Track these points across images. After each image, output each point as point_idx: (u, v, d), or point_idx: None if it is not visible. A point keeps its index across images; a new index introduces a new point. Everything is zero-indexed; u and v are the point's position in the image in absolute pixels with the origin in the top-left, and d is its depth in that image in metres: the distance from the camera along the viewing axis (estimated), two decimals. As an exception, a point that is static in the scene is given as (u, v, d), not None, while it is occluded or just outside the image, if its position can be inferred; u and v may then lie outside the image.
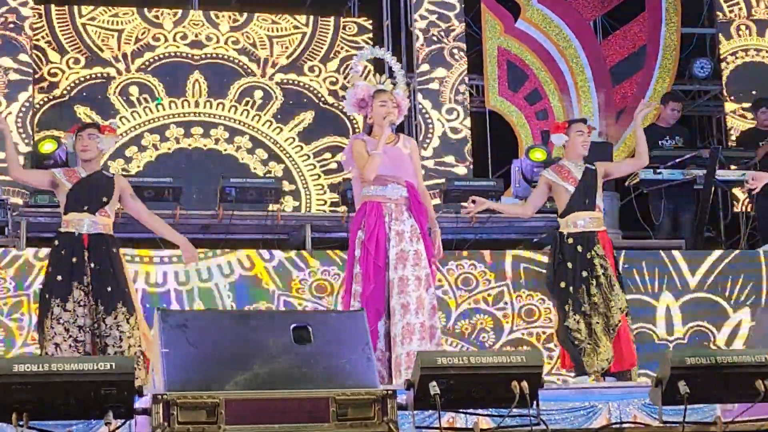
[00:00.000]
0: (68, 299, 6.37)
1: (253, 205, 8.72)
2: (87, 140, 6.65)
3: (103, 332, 6.37)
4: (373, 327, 6.17)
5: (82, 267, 6.45)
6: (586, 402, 5.60)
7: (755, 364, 4.62)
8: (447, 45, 11.10)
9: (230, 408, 4.04)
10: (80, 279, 6.43)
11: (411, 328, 6.17)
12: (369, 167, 6.38)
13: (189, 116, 11.03)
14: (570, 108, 11.54)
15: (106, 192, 6.64)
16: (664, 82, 11.58)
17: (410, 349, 6.11)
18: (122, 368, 4.01)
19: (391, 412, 4.20)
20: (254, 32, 11.36)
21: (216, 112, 11.10)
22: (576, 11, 11.82)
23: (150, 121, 10.94)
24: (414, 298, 6.21)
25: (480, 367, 4.36)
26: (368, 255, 6.28)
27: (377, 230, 6.31)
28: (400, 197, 6.43)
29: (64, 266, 6.47)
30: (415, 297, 6.22)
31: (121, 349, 6.33)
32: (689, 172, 9.34)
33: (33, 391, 3.90)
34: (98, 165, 6.73)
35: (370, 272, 6.26)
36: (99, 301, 6.41)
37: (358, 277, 6.33)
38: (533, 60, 11.60)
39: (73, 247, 6.49)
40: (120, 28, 11.07)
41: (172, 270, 7.93)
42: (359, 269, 6.33)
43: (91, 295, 6.42)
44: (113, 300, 6.43)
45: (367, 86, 6.59)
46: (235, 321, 4.46)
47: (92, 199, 6.58)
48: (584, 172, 7.12)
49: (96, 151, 6.67)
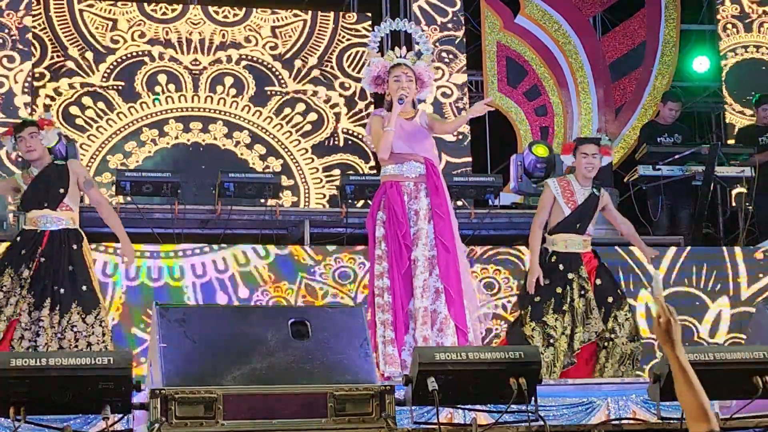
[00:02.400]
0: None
1: (251, 200, 8.71)
2: (30, 140, 6.53)
3: (58, 333, 6.33)
4: (407, 307, 6.10)
5: (28, 261, 6.39)
6: (584, 398, 5.59)
7: (753, 360, 4.63)
8: (445, 40, 11.08)
9: (228, 403, 4.04)
10: (18, 269, 6.38)
11: (415, 314, 6.08)
12: (381, 145, 6.20)
13: (188, 111, 11.02)
14: (569, 104, 11.53)
15: (61, 183, 6.52)
16: (663, 78, 11.56)
17: (423, 335, 6.03)
18: (120, 363, 4.01)
19: (389, 408, 4.20)
20: (255, 24, 11.37)
21: (215, 107, 11.10)
22: (575, 7, 11.81)
23: (149, 116, 10.93)
24: (421, 281, 6.11)
25: (478, 363, 4.36)
26: (395, 234, 6.13)
27: (398, 210, 6.16)
28: (419, 175, 6.25)
29: (11, 256, 6.45)
30: (422, 280, 6.11)
31: (77, 347, 6.27)
32: (688, 169, 9.33)
33: (30, 386, 3.90)
34: (49, 158, 6.60)
35: (402, 250, 6.13)
36: (48, 299, 6.34)
37: (382, 258, 6.17)
38: (532, 56, 11.59)
39: (32, 242, 6.43)
40: (114, 18, 11.08)
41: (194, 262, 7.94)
42: (384, 248, 6.17)
43: (26, 289, 6.36)
44: (68, 301, 6.37)
45: (382, 62, 6.34)
46: (233, 316, 4.46)
47: (49, 195, 6.49)
48: (587, 198, 6.98)
49: (41, 148, 6.55)
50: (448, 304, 6.16)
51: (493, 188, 8.95)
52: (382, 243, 6.20)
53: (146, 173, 8.75)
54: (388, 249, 6.18)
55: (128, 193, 8.36)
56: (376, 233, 6.22)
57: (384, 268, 6.18)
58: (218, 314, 4.50)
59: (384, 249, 6.19)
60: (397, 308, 6.09)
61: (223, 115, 11.09)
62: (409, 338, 6.11)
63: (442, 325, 6.15)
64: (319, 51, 11.45)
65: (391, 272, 6.15)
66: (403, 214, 6.18)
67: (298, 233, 8.71)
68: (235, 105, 11.13)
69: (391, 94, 6.29)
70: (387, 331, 6.07)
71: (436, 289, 6.18)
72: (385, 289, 6.15)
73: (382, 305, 6.12)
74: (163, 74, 11.08)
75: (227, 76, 11.20)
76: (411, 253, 6.15)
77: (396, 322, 6.08)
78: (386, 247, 6.19)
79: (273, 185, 8.65)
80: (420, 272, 6.12)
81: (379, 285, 6.17)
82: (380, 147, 6.23)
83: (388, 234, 6.19)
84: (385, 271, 6.17)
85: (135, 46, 11.09)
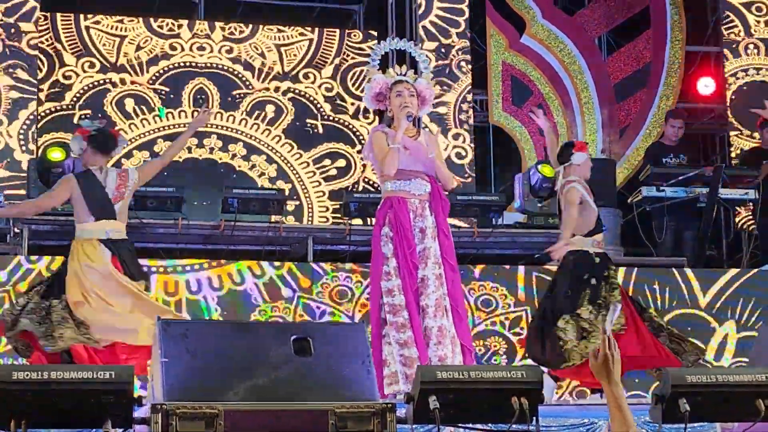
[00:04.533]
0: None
1: (255, 216, 8.70)
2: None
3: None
4: (418, 324, 6.03)
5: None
6: (585, 419, 5.59)
7: (756, 383, 4.61)
8: (452, 60, 11.10)
9: (229, 419, 4.02)
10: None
11: (428, 332, 6.03)
12: (388, 162, 6.18)
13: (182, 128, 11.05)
14: (573, 124, 11.54)
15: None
16: (668, 99, 11.57)
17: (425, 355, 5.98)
18: (122, 377, 4.00)
19: (391, 426, 4.18)
20: (261, 43, 11.39)
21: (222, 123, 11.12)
22: (581, 28, 11.84)
23: (164, 128, 10.96)
24: (433, 300, 6.07)
25: (480, 382, 4.35)
26: (404, 251, 6.09)
27: (407, 226, 6.12)
28: (425, 193, 6.25)
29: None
30: (434, 299, 6.08)
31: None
32: (692, 190, 9.33)
33: (32, 399, 3.89)
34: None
35: (410, 269, 6.08)
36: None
37: (391, 275, 6.11)
38: (537, 76, 11.61)
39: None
40: (123, 35, 11.10)
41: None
42: (395, 264, 6.12)
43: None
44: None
45: (383, 78, 6.37)
46: (235, 331, 4.45)
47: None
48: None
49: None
50: (455, 323, 6.14)
51: (497, 207, 8.95)
52: (392, 260, 6.14)
53: (150, 188, 8.73)
54: (398, 265, 6.13)
55: (131, 207, 8.33)
56: (383, 250, 6.17)
57: (394, 285, 6.10)
58: (220, 329, 4.49)
59: (394, 266, 6.14)
60: (416, 326, 6.02)
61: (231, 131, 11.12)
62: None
63: (452, 344, 6.10)
64: (323, 69, 11.48)
65: (404, 290, 6.09)
66: (411, 232, 6.16)
67: (301, 250, 8.71)
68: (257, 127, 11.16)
69: (393, 109, 6.30)
70: (409, 349, 5.98)
71: (444, 308, 6.13)
72: (400, 307, 6.09)
73: (398, 324, 6.04)
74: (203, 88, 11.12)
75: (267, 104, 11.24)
76: (418, 271, 6.12)
77: (418, 339, 6.02)
78: (396, 263, 6.13)
79: (277, 201, 8.65)
80: (432, 291, 6.08)
81: (391, 302, 6.09)
82: (386, 163, 6.19)
83: (398, 250, 6.13)
84: (395, 288, 6.10)
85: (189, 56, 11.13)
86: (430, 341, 6.02)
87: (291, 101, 11.28)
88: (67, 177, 6.88)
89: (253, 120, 11.18)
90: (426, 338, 6.04)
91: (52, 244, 7.98)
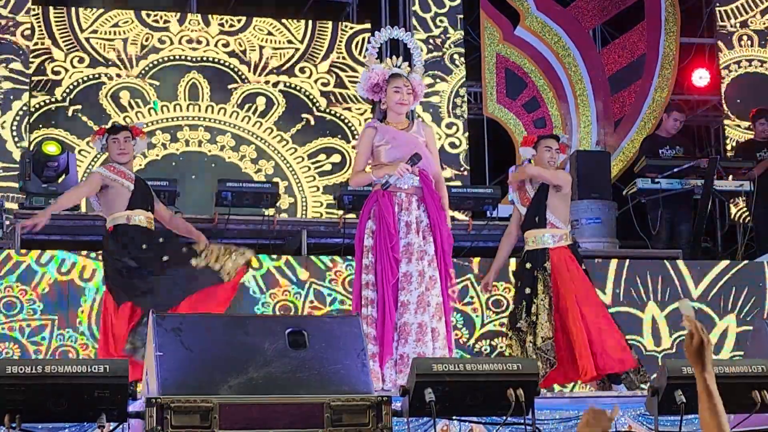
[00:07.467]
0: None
1: (249, 209, 8.68)
2: (124, 144, 6.66)
3: None
4: (390, 320, 5.93)
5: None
6: (581, 411, 5.57)
7: (752, 374, 4.62)
8: (445, 52, 11.09)
9: (224, 412, 4.02)
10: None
11: (407, 328, 5.91)
12: (355, 181, 6.33)
13: (177, 120, 11.02)
14: (568, 116, 11.53)
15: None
16: (663, 91, 11.57)
17: (403, 351, 5.88)
18: (116, 371, 3.99)
19: (386, 419, 4.18)
20: (254, 36, 11.36)
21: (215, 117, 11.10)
22: (575, 20, 11.82)
23: (162, 120, 10.95)
24: (415, 296, 5.95)
25: (476, 375, 4.35)
26: (384, 246, 5.99)
27: (389, 221, 6.02)
28: (411, 186, 6.12)
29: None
30: (416, 295, 5.95)
31: None
32: (687, 182, 9.32)
33: (26, 393, 3.89)
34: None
35: (391, 263, 5.98)
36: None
37: (369, 269, 6.04)
38: (532, 68, 11.60)
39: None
40: (116, 29, 11.07)
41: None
42: (372, 259, 6.03)
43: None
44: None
45: (382, 70, 6.25)
46: (230, 325, 4.43)
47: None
48: (538, 189, 6.84)
49: (131, 154, 6.74)
50: (446, 321, 6.11)
51: (492, 200, 8.93)
52: (370, 253, 6.06)
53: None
54: (375, 260, 6.04)
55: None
56: (365, 243, 6.09)
57: (370, 280, 6.04)
58: (215, 323, 4.48)
59: (371, 260, 6.05)
60: (386, 322, 5.94)
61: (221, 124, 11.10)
62: (395, 353, 5.95)
63: (445, 344, 6.03)
64: (317, 60, 11.45)
65: (377, 285, 6.01)
66: (394, 226, 6.06)
67: (295, 243, 8.68)
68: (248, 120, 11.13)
69: (389, 104, 6.23)
70: (368, 345, 5.83)
71: (438, 305, 6.04)
72: (369, 301, 6.02)
73: (366, 317, 5.96)
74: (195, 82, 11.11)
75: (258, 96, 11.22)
76: (399, 267, 6.02)
77: (384, 336, 5.95)
78: (373, 258, 6.04)
79: (271, 195, 8.62)
80: (414, 287, 5.97)
81: (365, 295, 6.03)
82: (354, 178, 6.31)
83: (377, 245, 6.03)
84: (370, 283, 6.04)
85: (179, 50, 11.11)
86: (409, 337, 5.92)
87: (282, 93, 11.25)
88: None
89: (244, 112, 11.17)
90: (404, 334, 5.93)
91: (44, 239, 7.95)
